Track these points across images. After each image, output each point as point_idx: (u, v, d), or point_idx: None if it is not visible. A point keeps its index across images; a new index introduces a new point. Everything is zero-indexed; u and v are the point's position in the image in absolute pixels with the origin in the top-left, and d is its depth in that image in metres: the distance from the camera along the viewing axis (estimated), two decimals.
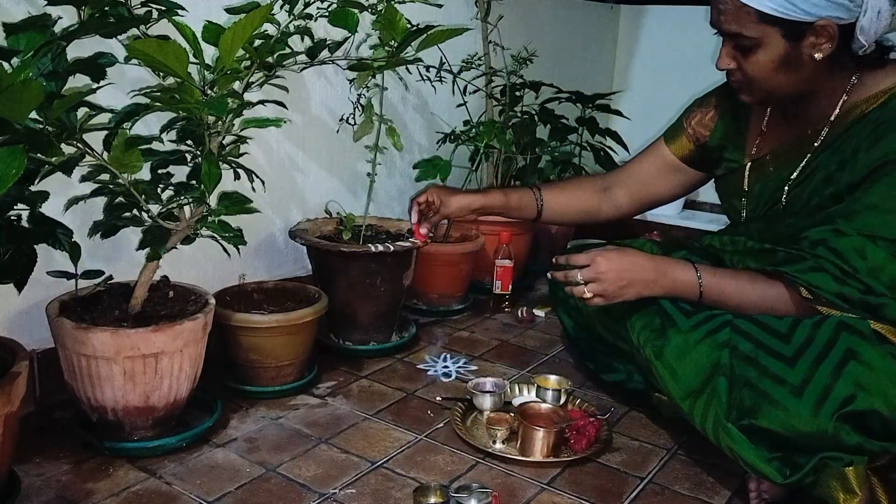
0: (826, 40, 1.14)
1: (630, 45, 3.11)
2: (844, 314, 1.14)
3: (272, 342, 1.47)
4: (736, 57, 1.21)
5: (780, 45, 1.15)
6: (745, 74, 1.21)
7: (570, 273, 1.29)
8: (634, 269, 1.27)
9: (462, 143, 2.02)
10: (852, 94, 1.21)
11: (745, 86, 1.24)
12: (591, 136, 2.38)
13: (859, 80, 1.21)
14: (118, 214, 1.20)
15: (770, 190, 1.32)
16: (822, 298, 1.15)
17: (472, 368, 1.68)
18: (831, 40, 1.14)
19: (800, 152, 1.27)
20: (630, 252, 1.30)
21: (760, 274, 1.25)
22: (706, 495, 1.23)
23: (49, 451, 1.25)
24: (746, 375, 1.14)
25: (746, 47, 1.18)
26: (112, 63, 1.10)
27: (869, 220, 1.14)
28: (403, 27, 1.30)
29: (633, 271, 1.27)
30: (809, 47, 1.15)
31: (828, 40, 1.14)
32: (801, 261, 1.18)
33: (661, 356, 1.23)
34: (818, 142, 1.24)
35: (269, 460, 1.26)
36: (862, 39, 1.14)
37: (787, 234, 1.26)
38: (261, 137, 1.67)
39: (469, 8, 2.20)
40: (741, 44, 1.18)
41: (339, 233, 1.78)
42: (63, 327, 1.19)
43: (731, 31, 1.18)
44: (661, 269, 1.28)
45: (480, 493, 1.16)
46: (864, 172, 1.16)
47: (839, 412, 1.05)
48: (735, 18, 1.16)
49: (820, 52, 1.15)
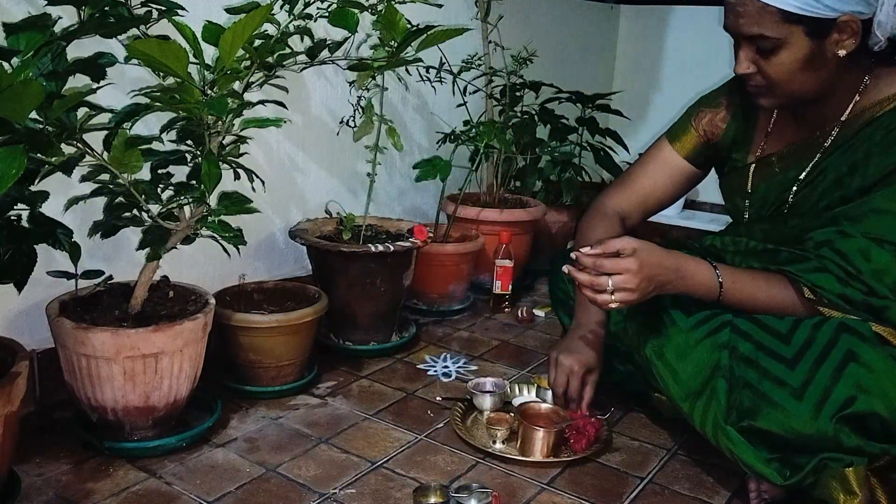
0: (849, 36, 1.13)
1: (630, 45, 3.11)
2: (846, 316, 1.14)
3: (272, 342, 1.47)
4: (756, 60, 1.17)
5: (803, 43, 1.13)
6: (766, 77, 1.18)
7: (597, 281, 1.15)
8: (660, 272, 1.17)
9: (462, 143, 2.02)
10: (864, 95, 1.21)
11: (766, 90, 1.21)
12: (591, 136, 2.38)
13: (871, 82, 1.20)
14: (118, 214, 1.20)
15: (776, 191, 1.31)
16: (824, 299, 1.15)
17: (472, 368, 1.68)
18: (855, 36, 1.13)
19: (808, 153, 1.27)
20: (656, 252, 1.18)
21: (773, 274, 1.23)
22: (706, 495, 1.23)
23: (49, 451, 1.25)
24: (746, 377, 1.14)
25: (768, 49, 1.15)
26: (112, 63, 1.10)
27: (874, 223, 1.14)
28: (403, 27, 1.29)
29: (660, 275, 1.17)
30: (833, 44, 1.14)
31: (851, 36, 1.13)
32: (805, 261, 1.17)
33: (662, 356, 1.23)
34: (828, 143, 1.24)
35: (269, 460, 1.26)
36: (879, 34, 1.14)
37: (792, 235, 1.26)
38: (261, 137, 1.67)
39: (469, 8, 2.20)
40: (762, 46, 1.15)
41: (339, 233, 1.78)
42: (63, 327, 1.19)
43: (753, 33, 1.14)
44: (681, 271, 1.19)
45: (480, 493, 1.16)
46: (877, 177, 1.16)
47: (839, 414, 1.05)
48: (757, 20, 1.13)
49: (843, 49, 1.14)
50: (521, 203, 2.24)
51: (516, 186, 2.31)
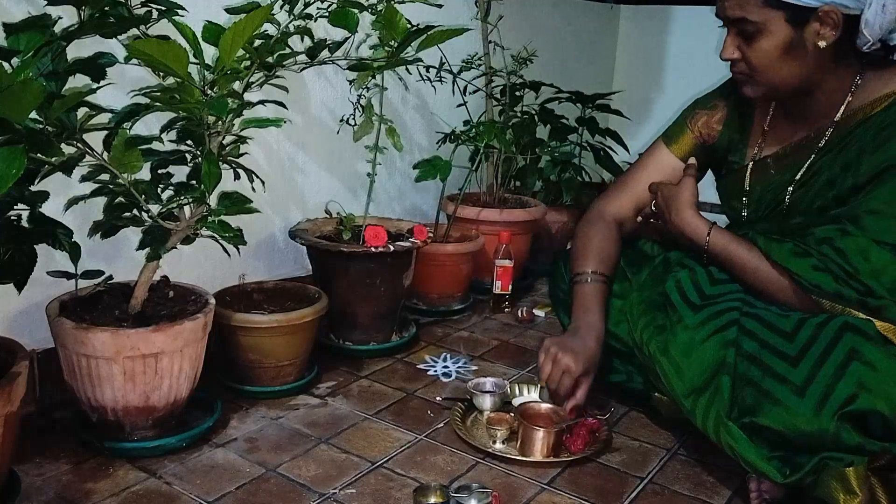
0: (830, 28, 1.15)
1: (630, 45, 3.11)
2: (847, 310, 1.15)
3: (272, 342, 1.47)
4: (740, 45, 1.21)
5: (783, 30, 1.16)
6: (748, 64, 1.22)
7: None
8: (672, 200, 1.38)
9: (462, 143, 2.02)
10: (857, 95, 1.22)
11: (749, 77, 1.24)
12: (591, 136, 2.38)
13: (863, 82, 1.22)
14: (118, 214, 1.20)
15: (772, 192, 1.32)
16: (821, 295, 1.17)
17: (472, 368, 1.68)
18: (835, 28, 1.14)
19: (803, 154, 1.27)
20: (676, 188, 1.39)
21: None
22: (706, 495, 1.23)
23: (49, 451, 1.25)
24: (749, 374, 1.14)
25: (750, 33, 1.18)
26: (112, 63, 1.10)
27: (872, 225, 1.14)
28: (403, 27, 1.30)
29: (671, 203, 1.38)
30: (813, 34, 1.16)
31: (832, 28, 1.15)
32: (807, 256, 1.18)
33: (668, 353, 1.23)
34: (822, 143, 1.25)
35: (269, 460, 1.26)
36: (866, 34, 1.14)
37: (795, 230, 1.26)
38: (261, 137, 1.67)
39: (469, 8, 2.20)
40: (744, 30, 1.19)
41: (339, 233, 1.78)
42: (63, 327, 1.19)
43: (735, 16, 1.18)
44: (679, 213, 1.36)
45: (480, 493, 1.16)
46: (868, 176, 1.16)
47: (841, 411, 1.05)
48: (740, 3, 1.17)
49: (823, 41, 1.16)
50: (521, 203, 2.24)
51: (516, 186, 2.31)
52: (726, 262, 1.30)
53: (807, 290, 1.19)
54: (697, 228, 1.34)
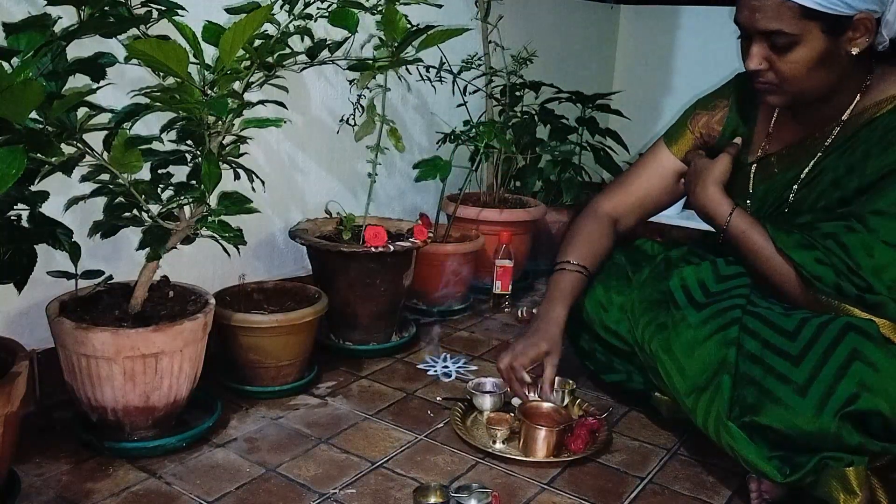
0: (863, 34, 1.14)
1: (630, 45, 3.11)
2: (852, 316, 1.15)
3: (272, 342, 1.47)
4: (769, 57, 1.17)
5: (819, 40, 1.13)
6: (778, 74, 1.18)
7: None
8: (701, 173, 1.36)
9: (462, 143, 2.02)
10: (865, 95, 1.21)
11: (776, 87, 1.20)
12: (591, 136, 2.38)
13: (872, 82, 1.21)
14: (118, 214, 1.20)
15: (776, 191, 1.32)
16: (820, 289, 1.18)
17: (472, 368, 1.68)
18: (868, 34, 1.14)
19: (807, 153, 1.27)
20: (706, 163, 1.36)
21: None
22: (706, 495, 1.23)
23: (49, 451, 1.25)
24: (751, 373, 1.14)
25: (783, 45, 1.15)
26: (112, 63, 1.10)
27: (877, 225, 1.15)
28: (403, 27, 1.30)
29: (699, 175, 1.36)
30: (847, 42, 1.15)
31: (864, 34, 1.14)
32: (812, 249, 1.19)
33: (670, 350, 1.23)
34: (828, 142, 1.24)
35: (269, 460, 1.26)
36: (885, 34, 1.15)
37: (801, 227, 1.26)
38: (261, 137, 1.67)
39: (469, 8, 2.20)
40: (777, 42, 1.15)
41: (339, 233, 1.78)
42: (63, 327, 1.19)
43: (769, 28, 1.14)
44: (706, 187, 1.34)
45: (480, 493, 1.16)
46: (874, 178, 1.17)
47: (842, 411, 1.05)
48: (775, 15, 1.12)
49: (857, 47, 1.15)
50: (521, 203, 2.24)
51: (516, 186, 2.31)
52: (742, 245, 1.30)
53: (807, 281, 1.19)
54: (720, 206, 1.32)
